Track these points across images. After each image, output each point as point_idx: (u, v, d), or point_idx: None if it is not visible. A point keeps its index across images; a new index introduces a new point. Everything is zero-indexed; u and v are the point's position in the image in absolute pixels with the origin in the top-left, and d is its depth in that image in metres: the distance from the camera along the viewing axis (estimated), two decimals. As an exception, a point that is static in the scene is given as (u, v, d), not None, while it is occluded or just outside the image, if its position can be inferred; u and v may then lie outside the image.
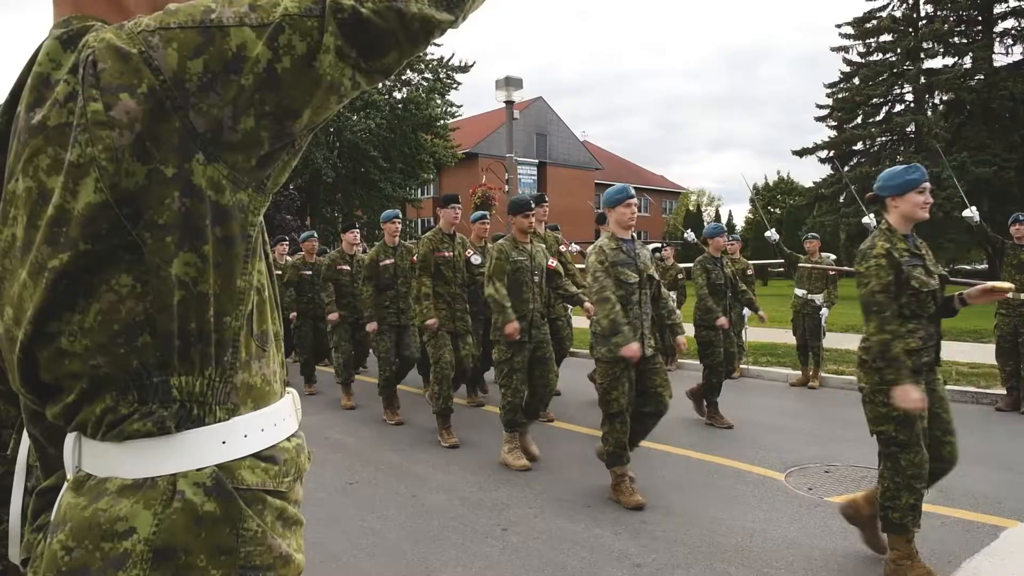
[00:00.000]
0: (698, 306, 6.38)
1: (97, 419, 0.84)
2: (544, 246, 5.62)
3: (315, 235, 8.62)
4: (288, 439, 0.96)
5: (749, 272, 8.82)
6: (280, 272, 8.41)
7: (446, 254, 6.05)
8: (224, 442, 0.87)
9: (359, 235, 7.94)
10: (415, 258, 6.22)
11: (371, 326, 6.68)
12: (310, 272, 8.27)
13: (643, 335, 4.31)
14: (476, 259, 6.27)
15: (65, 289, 0.81)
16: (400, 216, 6.94)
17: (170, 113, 0.78)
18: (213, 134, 0.80)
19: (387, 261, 6.69)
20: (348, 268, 7.52)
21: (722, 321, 6.17)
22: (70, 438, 0.87)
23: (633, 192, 4.55)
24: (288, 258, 9.49)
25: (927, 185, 3.21)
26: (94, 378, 0.83)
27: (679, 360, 9.36)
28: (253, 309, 0.91)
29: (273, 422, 0.93)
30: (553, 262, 5.50)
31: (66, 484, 0.87)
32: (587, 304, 5.07)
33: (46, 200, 0.81)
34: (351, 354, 7.59)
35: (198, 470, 0.84)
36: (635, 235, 4.62)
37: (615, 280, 4.30)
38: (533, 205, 5.46)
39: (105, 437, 0.84)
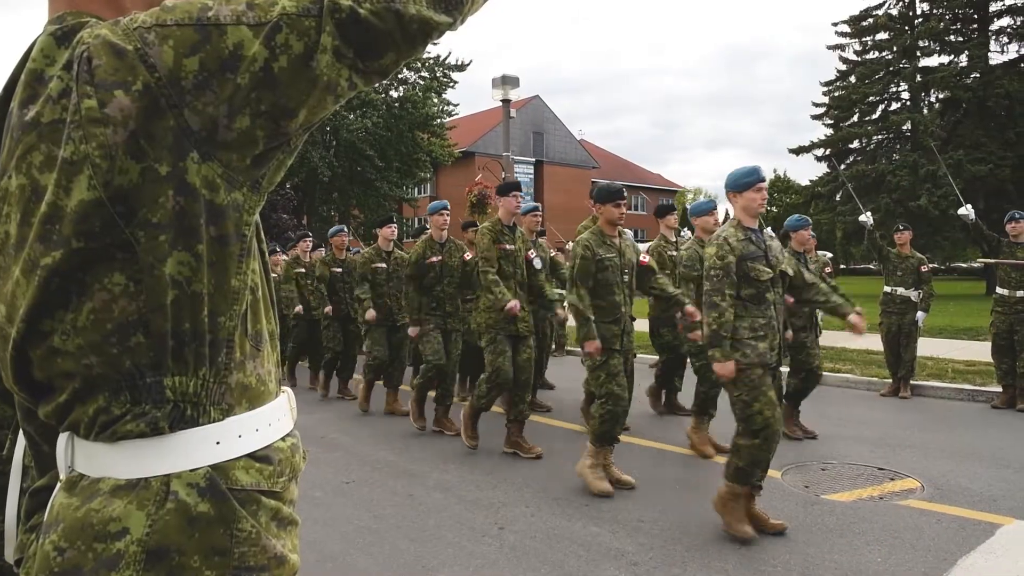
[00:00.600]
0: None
1: (90, 419, 0.84)
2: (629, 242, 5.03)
3: (344, 229, 8.17)
4: (283, 439, 0.96)
5: (828, 270, 8.31)
6: (302, 269, 8.25)
7: (433, 259, 6.07)
8: (218, 442, 0.86)
9: (396, 230, 7.33)
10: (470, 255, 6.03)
11: (412, 331, 6.19)
12: (340, 269, 7.83)
13: (777, 342, 3.81)
14: (538, 262, 5.58)
15: (58, 287, 0.80)
16: (448, 207, 6.29)
17: (165, 111, 0.78)
18: (208, 133, 0.80)
19: (434, 258, 6.10)
20: (384, 266, 7.00)
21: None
22: (63, 438, 0.86)
23: (764, 174, 3.89)
24: (283, 257, 9.48)
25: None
26: (87, 378, 0.82)
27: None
28: (247, 309, 0.91)
29: (268, 422, 0.93)
30: (646, 258, 5.02)
31: (59, 484, 0.86)
32: (689, 308, 4.88)
33: (39, 197, 0.80)
34: (385, 358, 6.98)
35: (192, 471, 0.84)
36: (761, 224, 4.05)
37: (745, 277, 3.74)
38: (624, 193, 4.84)
39: (98, 437, 0.83)
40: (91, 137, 0.77)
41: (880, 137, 27.96)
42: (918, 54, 26.44)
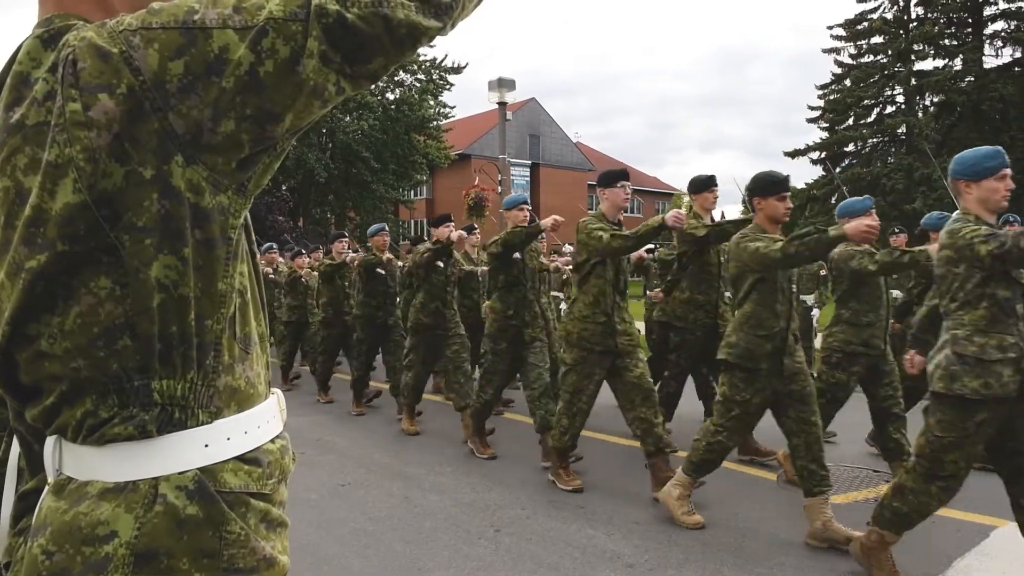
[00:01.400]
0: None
1: (77, 423, 0.83)
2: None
3: (386, 228, 7.49)
4: (272, 441, 0.95)
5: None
6: (328, 269, 7.65)
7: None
8: (206, 445, 0.86)
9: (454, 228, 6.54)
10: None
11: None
12: (383, 272, 7.11)
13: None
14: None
15: (43, 291, 0.80)
16: (527, 201, 5.71)
17: (149, 114, 0.78)
18: (193, 136, 0.80)
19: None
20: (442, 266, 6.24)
21: None
22: (50, 441, 0.86)
23: (1007, 159, 3.02)
24: (281, 260, 9.56)
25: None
26: (74, 381, 0.82)
27: None
28: (236, 311, 0.91)
29: (257, 424, 0.93)
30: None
31: (47, 488, 0.86)
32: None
33: (23, 200, 0.80)
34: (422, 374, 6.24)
35: (180, 473, 0.84)
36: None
37: (1004, 279, 2.85)
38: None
39: (86, 441, 0.83)
40: (75, 140, 0.77)
41: (875, 140, 28.07)
42: (913, 58, 26.57)
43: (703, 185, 5.16)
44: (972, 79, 24.97)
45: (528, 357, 5.19)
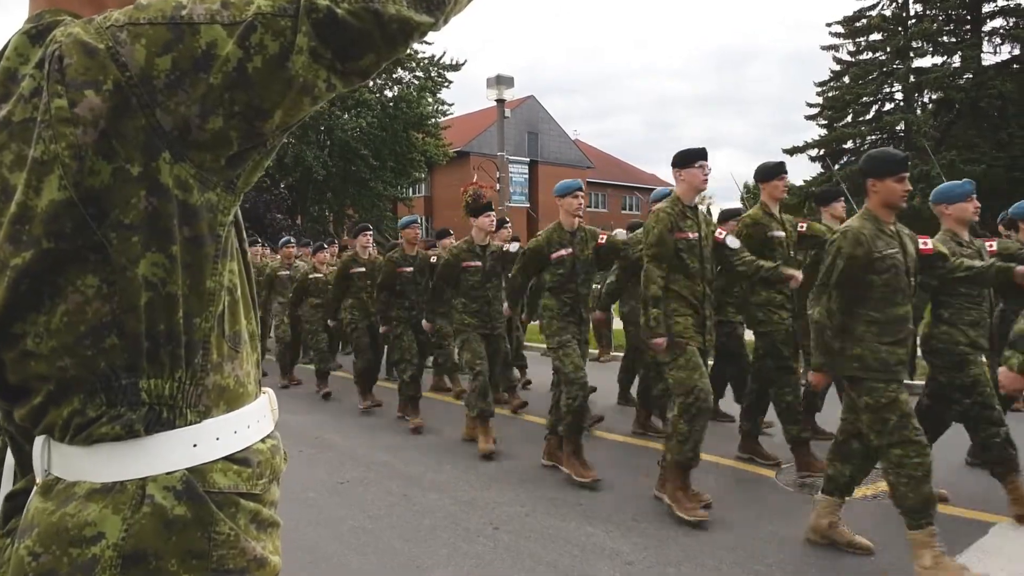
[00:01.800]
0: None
1: (65, 422, 0.82)
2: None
3: (418, 220, 6.99)
4: (263, 441, 0.95)
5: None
6: (362, 268, 7.18)
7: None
8: (195, 445, 0.85)
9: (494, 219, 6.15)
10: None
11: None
12: (411, 269, 6.52)
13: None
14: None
15: (28, 289, 0.79)
16: (582, 188, 5.19)
17: (136, 111, 0.77)
18: (180, 133, 0.79)
19: (563, 252, 4.97)
20: (480, 264, 5.78)
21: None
22: (39, 441, 0.85)
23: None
24: (270, 258, 9.36)
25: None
26: (61, 380, 0.81)
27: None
28: (225, 310, 0.90)
29: (247, 424, 0.92)
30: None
31: (35, 488, 0.85)
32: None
33: (8, 197, 0.80)
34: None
35: (168, 474, 0.83)
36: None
37: None
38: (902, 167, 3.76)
39: (73, 440, 0.82)
40: (61, 137, 0.76)
41: (874, 137, 28.06)
42: (911, 55, 26.56)
43: (772, 172, 4.73)
44: (971, 76, 24.96)
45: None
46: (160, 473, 0.83)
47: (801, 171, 38.32)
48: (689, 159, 4.15)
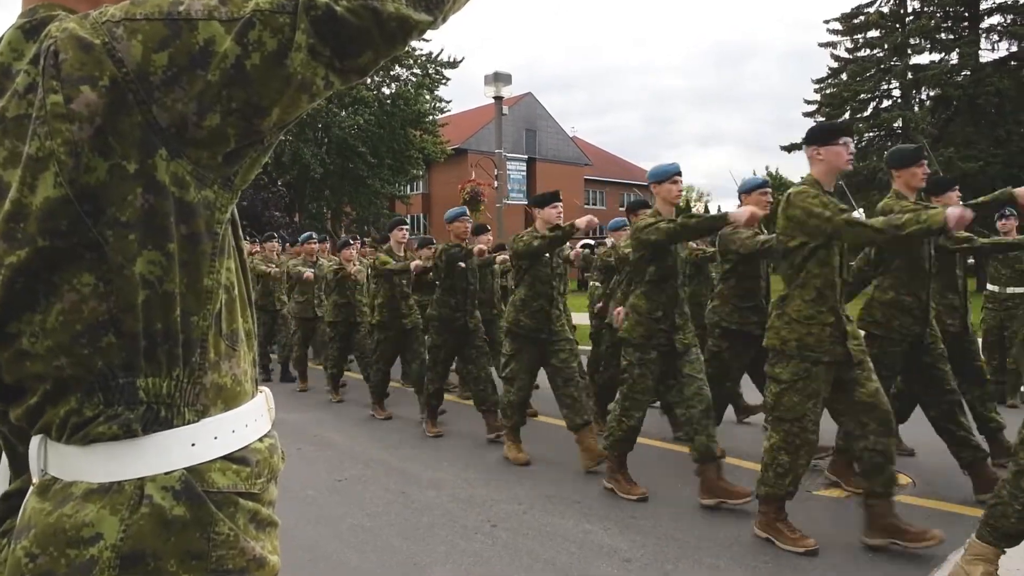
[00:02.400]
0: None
1: (61, 421, 0.82)
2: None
3: (467, 212, 6.41)
4: (261, 439, 0.94)
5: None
6: (374, 270, 6.67)
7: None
8: (193, 444, 0.85)
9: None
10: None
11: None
12: (464, 265, 6.07)
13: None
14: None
15: (23, 287, 0.79)
16: (680, 173, 4.61)
17: (132, 107, 0.76)
18: (177, 130, 0.78)
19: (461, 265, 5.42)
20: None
21: None
22: (35, 441, 0.84)
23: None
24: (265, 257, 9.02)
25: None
26: (58, 380, 0.81)
27: None
28: (222, 308, 0.89)
29: (244, 423, 0.91)
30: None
31: (31, 488, 0.84)
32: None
33: (2, 194, 0.79)
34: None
35: (166, 473, 0.82)
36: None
37: None
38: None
39: (70, 440, 0.82)
40: (56, 133, 0.75)
41: (871, 134, 28.05)
42: (909, 52, 26.55)
43: (911, 158, 4.17)
44: (968, 73, 24.95)
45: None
46: (158, 473, 0.82)
47: (799, 168, 38.37)
48: (832, 134, 3.59)
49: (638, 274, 4.30)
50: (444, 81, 24.64)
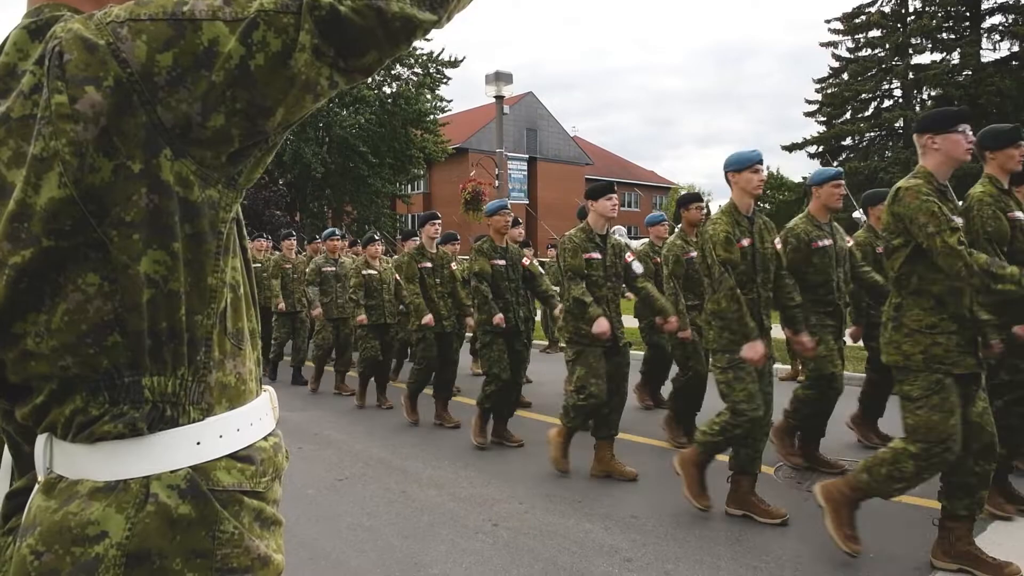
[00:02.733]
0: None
1: (67, 420, 0.82)
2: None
3: (507, 205, 6.03)
4: (265, 438, 0.95)
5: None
6: (429, 264, 6.34)
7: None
8: (198, 443, 0.85)
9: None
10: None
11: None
12: (504, 262, 5.67)
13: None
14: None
15: (28, 287, 0.79)
16: (762, 160, 4.26)
17: (137, 107, 0.76)
18: (182, 130, 0.78)
19: (743, 242, 4.29)
20: (600, 257, 5.01)
21: None
22: (41, 439, 0.85)
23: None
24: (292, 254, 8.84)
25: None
26: (63, 379, 0.81)
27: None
28: (227, 307, 0.89)
29: (249, 421, 0.92)
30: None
31: (37, 486, 0.85)
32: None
33: (6, 194, 0.79)
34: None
35: (172, 472, 0.83)
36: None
37: None
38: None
39: (76, 439, 0.82)
40: (61, 133, 0.76)
41: (873, 134, 28.09)
42: (910, 51, 26.56)
43: (1008, 138, 3.66)
44: (970, 73, 24.97)
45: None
46: (164, 471, 0.82)
47: (800, 168, 38.36)
48: (950, 120, 3.12)
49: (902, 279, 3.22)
50: (445, 80, 24.61)
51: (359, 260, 7.42)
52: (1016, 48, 25.04)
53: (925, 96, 26.90)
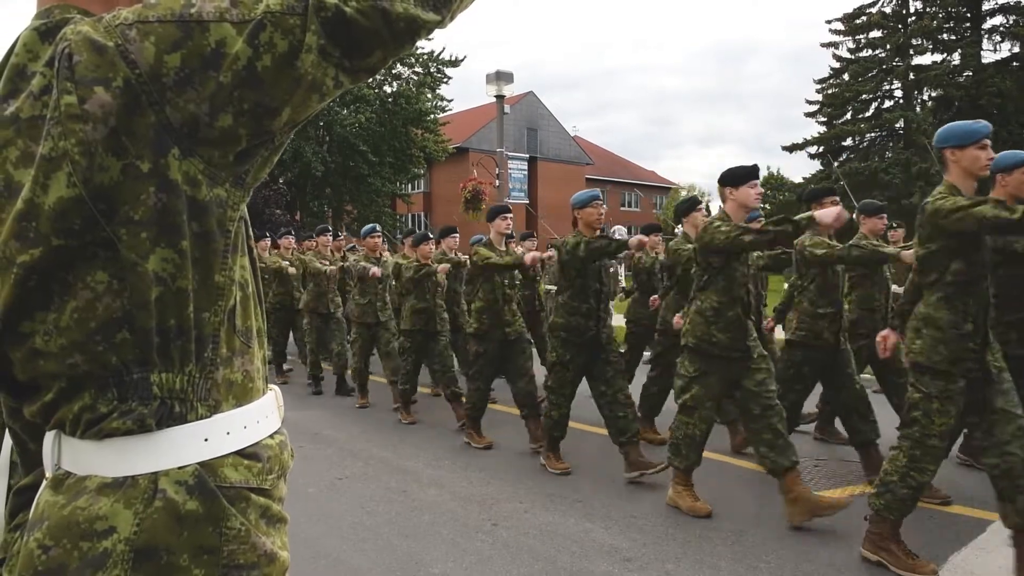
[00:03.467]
0: None
1: (75, 417, 0.83)
2: None
3: (599, 196, 5.19)
4: (271, 436, 0.95)
5: None
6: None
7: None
8: (206, 439, 0.86)
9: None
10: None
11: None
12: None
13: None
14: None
15: (36, 286, 0.80)
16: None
17: (145, 108, 0.77)
18: (190, 130, 0.79)
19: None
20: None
21: None
22: (49, 436, 0.85)
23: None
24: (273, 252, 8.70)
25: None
26: (72, 377, 0.82)
27: None
28: (236, 305, 0.90)
29: (256, 419, 0.93)
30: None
31: (44, 482, 0.85)
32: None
33: (14, 194, 0.80)
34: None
35: (180, 468, 0.83)
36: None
37: None
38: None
39: (84, 435, 0.83)
40: (70, 133, 0.77)
41: (873, 135, 28.09)
42: (911, 52, 26.57)
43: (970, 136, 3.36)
44: (970, 74, 24.98)
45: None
46: (172, 467, 0.83)
47: (800, 168, 38.36)
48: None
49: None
50: (446, 80, 24.62)
51: (410, 260, 6.64)
52: (1017, 49, 25.06)
53: (926, 97, 26.91)
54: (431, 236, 6.74)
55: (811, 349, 4.65)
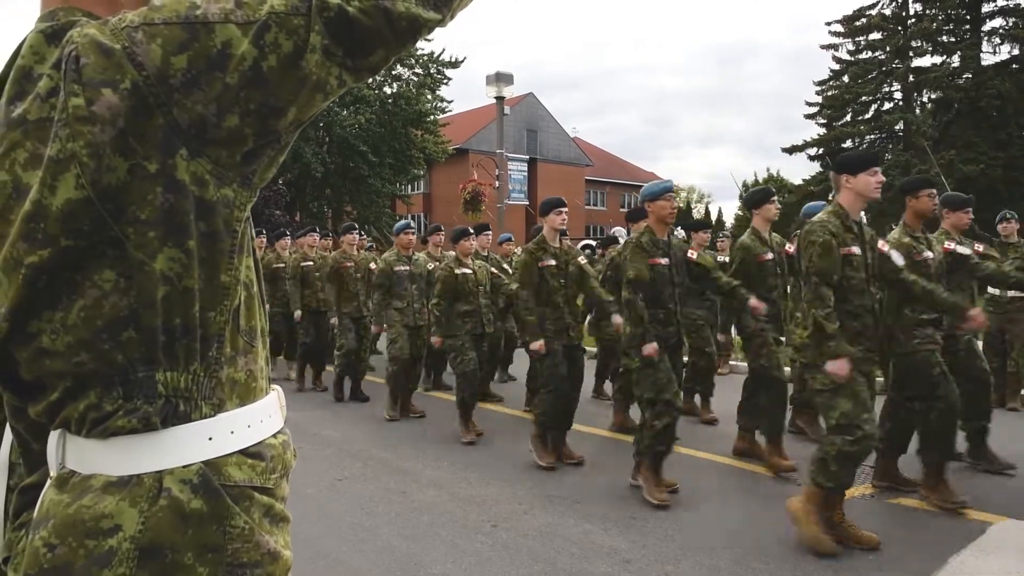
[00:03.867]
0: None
1: (81, 416, 0.83)
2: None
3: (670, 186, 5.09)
4: (274, 436, 0.96)
5: None
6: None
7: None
8: (210, 438, 0.86)
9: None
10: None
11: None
12: (555, 262, 5.16)
13: None
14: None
15: (44, 286, 0.80)
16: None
17: (153, 109, 0.78)
18: (197, 130, 0.80)
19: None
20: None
21: None
22: (54, 435, 0.86)
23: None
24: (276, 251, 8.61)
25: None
26: (78, 375, 0.82)
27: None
28: (241, 304, 0.91)
29: (259, 418, 0.93)
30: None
31: (49, 481, 0.86)
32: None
33: (21, 195, 0.81)
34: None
35: (184, 467, 0.84)
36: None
37: None
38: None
39: (90, 434, 0.83)
40: (78, 135, 0.77)
41: (873, 137, 28.08)
42: (911, 54, 26.59)
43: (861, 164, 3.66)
44: (970, 76, 25.00)
45: None
46: (177, 466, 0.83)
47: (800, 170, 38.39)
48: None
49: None
50: (446, 81, 24.62)
51: (448, 259, 6.43)
52: (1016, 51, 25.08)
53: (925, 99, 26.94)
54: (470, 232, 6.41)
55: None
